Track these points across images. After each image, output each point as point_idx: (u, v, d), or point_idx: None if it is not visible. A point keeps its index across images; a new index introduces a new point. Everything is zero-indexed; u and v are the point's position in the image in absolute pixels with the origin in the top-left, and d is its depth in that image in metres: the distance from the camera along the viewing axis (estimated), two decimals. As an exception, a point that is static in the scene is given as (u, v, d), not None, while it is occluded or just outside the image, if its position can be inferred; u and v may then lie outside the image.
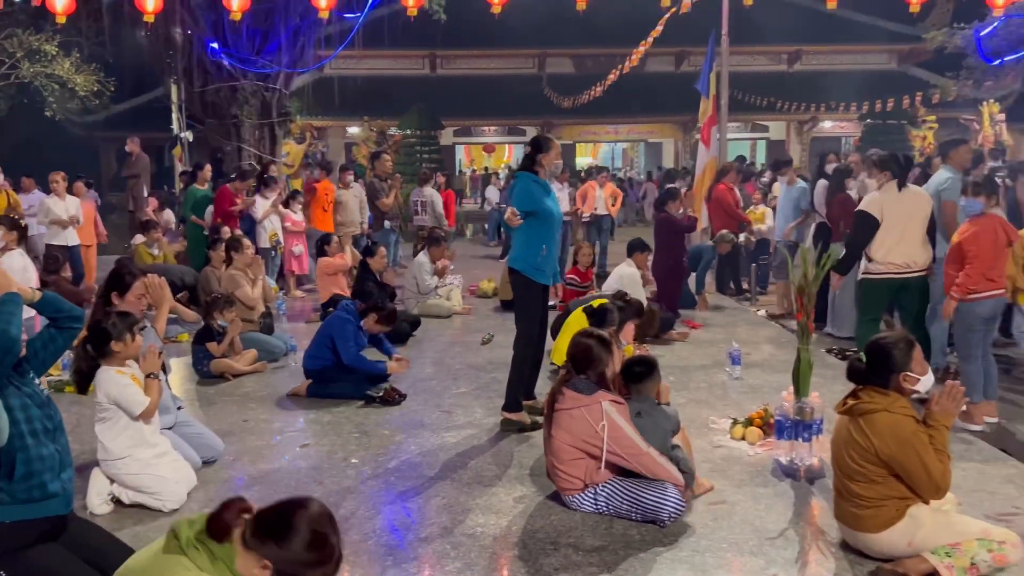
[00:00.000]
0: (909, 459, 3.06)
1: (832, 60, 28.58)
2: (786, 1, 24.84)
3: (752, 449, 4.61)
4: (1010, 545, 3.05)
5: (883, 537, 3.16)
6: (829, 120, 27.11)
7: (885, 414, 3.12)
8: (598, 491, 3.67)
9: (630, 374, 3.86)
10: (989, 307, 5.22)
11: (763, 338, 7.66)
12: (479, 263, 13.02)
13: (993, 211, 5.24)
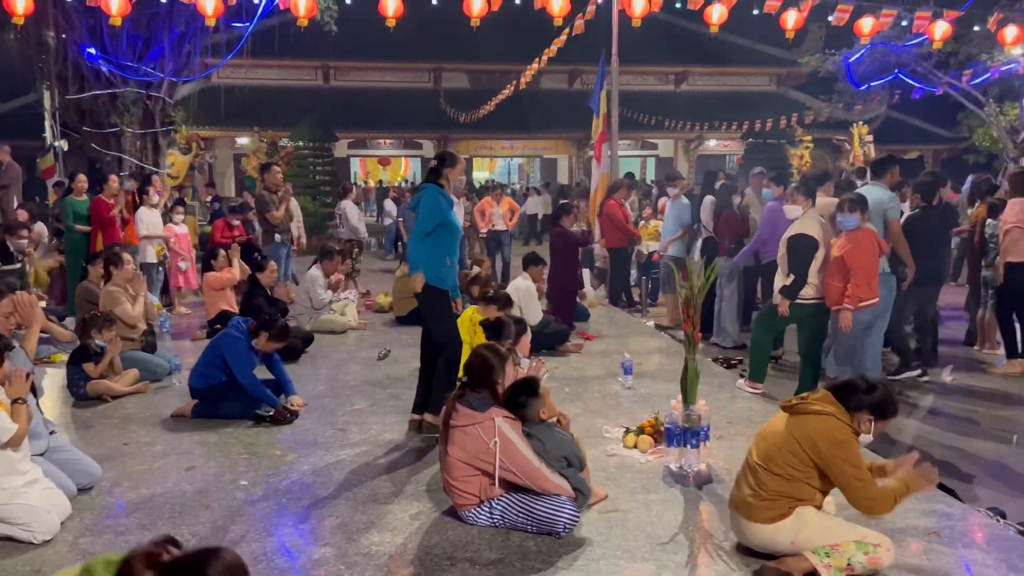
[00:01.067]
0: (839, 463, 3.18)
1: (716, 81, 29.88)
2: (673, 24, 25.82)
3: (644, 457, 4.73)
4: (884, 549, 3.23)
5: (769, 530, 3.29)
6: (714, 139, 28.26)
7: (831, 417, 3.24)
8: (493, 505, 3.68)
9: (514, 403, 3.76)
10: (869, 315, 5.58)
11: (654, 348, 7.89)
12: (376, 277, 12.86)
13: (866, 226, 5.60)
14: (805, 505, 3.28)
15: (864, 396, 3.27)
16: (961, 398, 6.48)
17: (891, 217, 6.42)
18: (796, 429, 3.28)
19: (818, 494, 3.31)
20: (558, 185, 24.93)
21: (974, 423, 5.86)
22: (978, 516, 3.92)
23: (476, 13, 9.16)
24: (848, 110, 20.24)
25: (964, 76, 17.35)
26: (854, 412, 3.26)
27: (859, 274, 5.44)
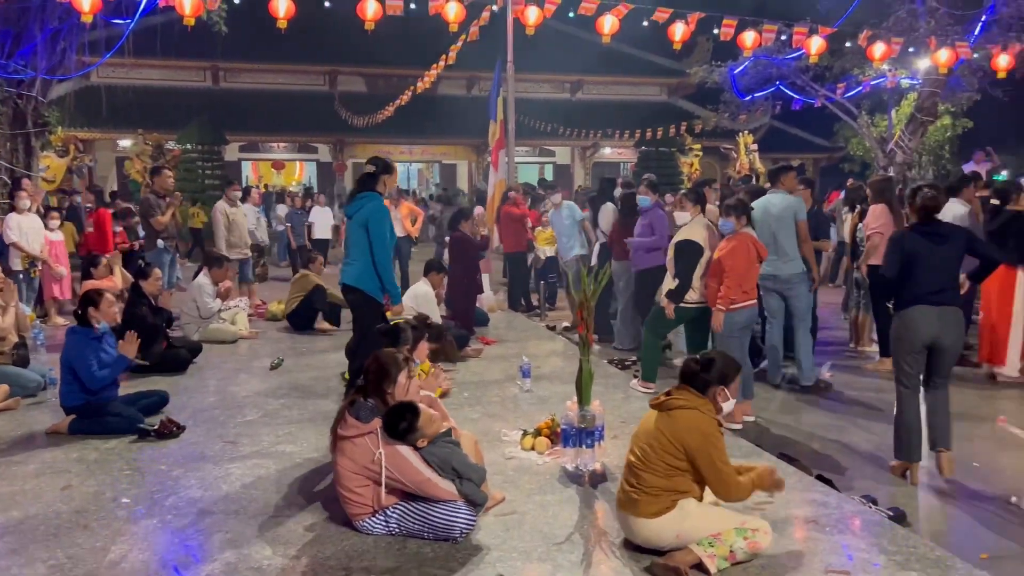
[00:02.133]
0: (706, 453, 3.33)
1: (610, 90, 30.61)
2: (568, 33, 26.30)
3: (541, 458, 4.78)
4: (762, 532, 3.38)
5: (654, 525, 3.39)
6: (609, 146, 28.93)
7: (696, 412, 3.39)
8: (389, 513, 3.63)
9: (395, 432, 3.63)
10: (745, 316, 5.82)
11: (552, 351, 7.99)
12: (268, 284, 12.51)
13: (745, 230, 5.84)
14: (686, 497, 3.41)
15: (706, 374, 3.47)
16: (838, 393, 6.84)
17: (800, 219, 6.76)
18: (666, 425, 3.41)
19: (696, 486, 3.44)
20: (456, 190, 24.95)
21: (850, 417, 6.20)
22: (853, 504, 4.15)
23: (370, 16, 9.08)
24: (734, 120, 21.11)
25: (839, 89, 18.39)
26: (707, 392, 3.46)
27: (731, 276, 5.69)
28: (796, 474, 4.55)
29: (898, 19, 15.46)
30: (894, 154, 17.28)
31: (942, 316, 4.74)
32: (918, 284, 4.76)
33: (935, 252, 4.77)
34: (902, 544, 3.62)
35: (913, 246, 4.80)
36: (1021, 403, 6.52)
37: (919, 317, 4.76)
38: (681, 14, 10.89)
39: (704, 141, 24.44)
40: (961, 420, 6.05)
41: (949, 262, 4.81)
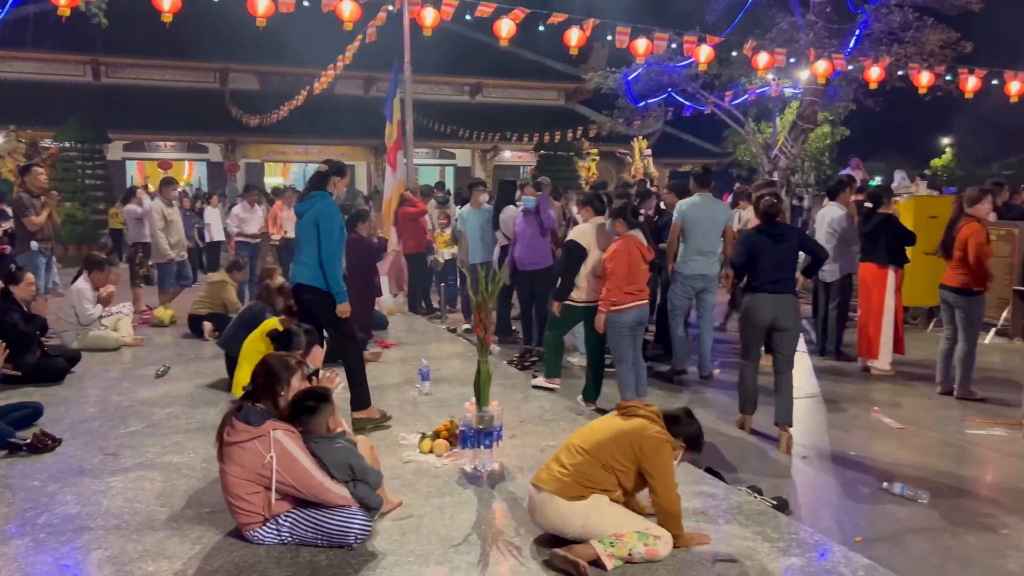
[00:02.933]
0: (656, 466, 3.48)
1: (510, 94, 30.86)
2: (467, 36, 26.34)
3: (440, 461, 4.76)
4: (663, 541, 3.46)
5: (565, 506, 3.45)
6: (509, 149, 29.14)
7: (654, 425, 3.55)
8: (280, 522, 3.53)
9: (301, 408, 3.62)
10: (632, 317, 5.97)
11: (451, 353, 7.97)
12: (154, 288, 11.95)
13: (630, 233, 5.99)
14: (603, 494, 3.49)
15: (686, 427, 3.64)
16: (728, 388, 7.11)
17: (729, 224, 7.38)
18: (629, 428, 3.55)
19: (620, 491, 3.54)
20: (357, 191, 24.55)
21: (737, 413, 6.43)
22: (739, 494, 4.32)
23: (261, 13, 8.83)
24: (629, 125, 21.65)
25: (727, 97, 19.16)
26: (674, 439, 3.59)
27: (612, 278, 5.85)
28: (687, 468, 4.67)
29: (780, 31, 16.23)
30: (778, 159, 18.12)
31: (778, 302, 5.58)
32: (760, 275, 5.63)
33: (774, 249, 5.61)
34: (784, 531, 3.79)
35: (757, 243, 5.67)
36: (893, 395, 6.94)
37: (760, 302, 5.61)
38: (577, 20, 11.09)
39: (601, 145, 24.95)
40: (839, 411, 6.42)
41: (785, 257, 5.66)
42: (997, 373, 7.59)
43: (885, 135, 38.22)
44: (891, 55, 15.08)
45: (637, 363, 6.12)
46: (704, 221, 7.22)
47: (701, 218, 7.23)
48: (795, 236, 5.83)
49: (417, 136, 12.14)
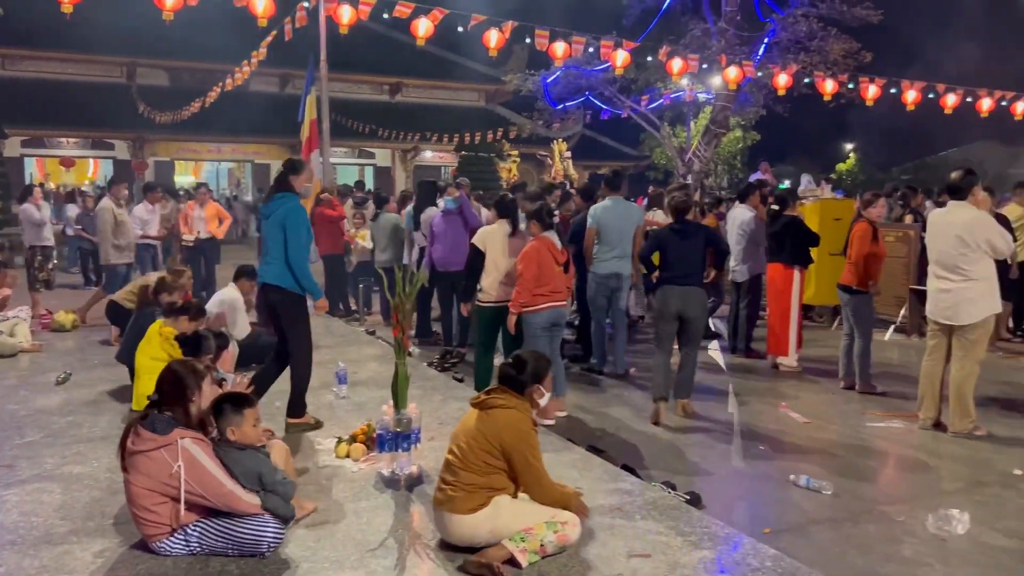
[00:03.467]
0: (521, 451, 3.46)
1: (430, 94, 30.72)
2: (387, 36, 26.10)
3: (356, 465, 4.70)
4: (571, 525, 3.50)
5: (469, 521, 3.44)
6: (430, 150, 29.00)
7: (514, 411, 3.53)
8: (189, 532, 3.42)
9: (218, 410, 3.56)
10: (545, 318, 6.02)
11: (370, 356, 7.88)
12: (56, 292, 11.41)
13: (544, 235, 6.03)
14: (501, 494, 3.48)
15: (520, 375, 3.63)
16: (643, 387, 7.25)
17: (639, 226, 7.48)
18: (484, 424, 3.51)
19: (512, 484, 3.53)
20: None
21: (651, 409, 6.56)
22: (654, 490, 4.41)
23: (169, 6, 8.54)
24: (548, 127, 21.85)
25: (643, 101, 19.55)
26: (524, 392, 3.61)
27: (521, 280, 5.90)
28: (603, 465, 4.77)
29: (694, 37, 16.68)
30: (692, 163, 18.60)
31: (685, 294, 6.11)
32: (669, 269, 6.17)
33: (682, 245, 6.14)
34: (696, 525, 3.89)
35: (666, 239, 6.23)
36: (799, 390, 7.21)
37: (669, 294, 6.14)
38: (496, 22, 11.13)
39: (521, 147, 25.09)
40: (749, 407, 6.62)
41: (693, 253, 6.16)
42: (895, 368, 7.97)
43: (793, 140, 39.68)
44: (798, 63, 15.68)
45: (555, 363, 6.17)
46: (616, 223, 7.39)
47: (613, 220, 7.39)
48: (702, 233, 6.31)
49: (335, 135, 11.96)
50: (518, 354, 3.77)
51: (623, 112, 19.87)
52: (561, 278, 6.05)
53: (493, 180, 23.42)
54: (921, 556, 3.88)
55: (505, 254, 6.20)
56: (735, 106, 18.55)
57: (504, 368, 3.69)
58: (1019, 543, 4.03)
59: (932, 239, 5.92)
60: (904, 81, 15.06)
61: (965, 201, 5.78)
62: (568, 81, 18.53)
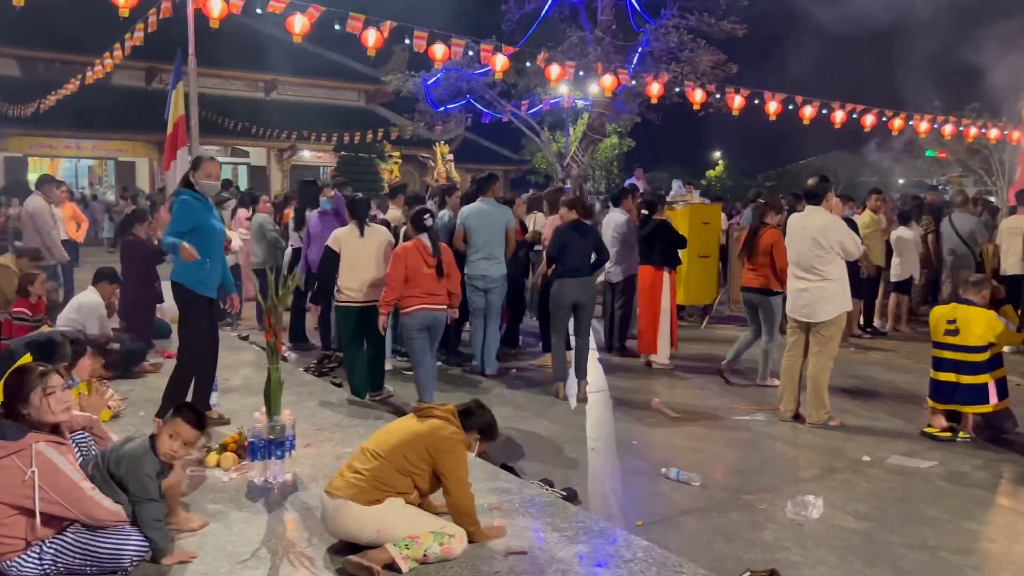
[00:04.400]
0: (450, 462, 3.55)
1: (308, 92, 30.03)
2: (261, 31, 25.32)
3: (227, 475, 4.53)
4: (457, 539, 3.50)
5: (359, 512, 3.41)
6: (308, 149, 28.32)
7: (449, 424, 3.63)
8: (44, 548, 3.19)
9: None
10: (417, 320, 6.05)
11: (243, 361, 7.61)
12: None
13: (418, 237, 6.08)
14: (399, 497, 3.49)
15: (479, 419, 3.77)
16: (521, 387, 7.34)
17: (509, 227, 7.61)
18: (424, 430, 3.59)
19: (415, 492, 3.57)
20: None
21: (533, 407, 6.67)
22: (532, 488, 4.47)
23: (20, -10, 7.95)
24: (430, 130, 21.75)
25: (523, 106, 19.78)
26: (468, 431, 3.71)
27: (388, 282, 6.00)
28: (482, 465, 4.79)
29: (571, 44, 17.03)
30: (571, 168, 18.98)
31: (580, 284, 6.85)
32: (566, 263, 6.87)
33: (578, 242, 6.89)
34: (572, 520, 3.98)
35: (566, 237, 6.92)
36: (671, 386, 7.50)
37: (566, 286, 6.86)
38: (374, 21, 10.98)
39: (403, 149, 24.90)
40: (624, 404, 6.83)
41: (586, 249, 6.93)
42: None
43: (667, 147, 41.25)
44: (669, 73, 16.28)
45: (423, 366, 6.19)
46: (485, 226, 7.53)
47: (482, 223, 7.53)
48: (594, 233, 7.23)
49: (206, 132, 11.49)
50: (479, 403, 3.89)
51: (504, 116, 20.03)
52: (434, 281, 6.05)
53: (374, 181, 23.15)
54: (781, 541, 4.11)
55: (359, 255, 6.27)
56: (611, 113, 19.06)
57: (469, 407, 3.81)
58: (867, 524, 4.34)
59: (791, 242, 6.30)
60: (766, 92, 15.92)
61: (820, 206, 6.18)
62: (449, 83, 18.49)
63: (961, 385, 5.76)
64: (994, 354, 5.79)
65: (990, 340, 5.73)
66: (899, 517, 4.44)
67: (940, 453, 5.54)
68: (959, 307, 5.92)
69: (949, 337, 5.85)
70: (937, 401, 5.93)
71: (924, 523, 4.36)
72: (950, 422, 5.91)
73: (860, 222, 9.32)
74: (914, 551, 4.01)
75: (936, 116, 20.25)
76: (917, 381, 7.05)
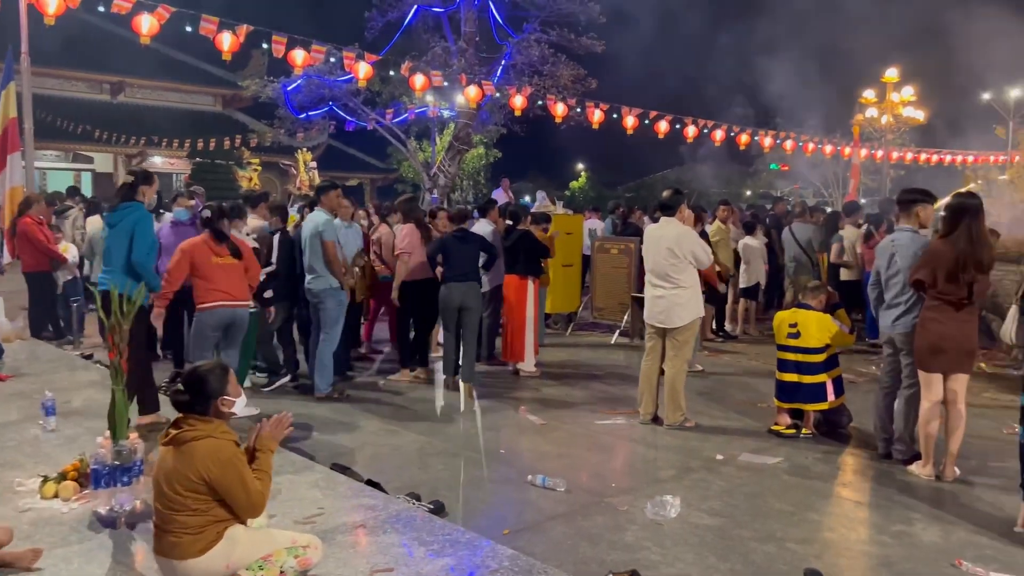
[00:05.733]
0: (231, 481, 3.14)
1: (159, 96, 28.55)
2: (107, 30, 23.85)
3: (67, 505, 4.20)
4: (312, 548, 3.37)
5: (202, 561, 3.18)
6: (159, 155, 26.89)
7: (209, 440, 3.17)
8: None
9: None
10: (215, 317, 6.05)
11: (85, 382, 7.10)
12: None
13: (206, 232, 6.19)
14: (231, 525, 3.25)
15: (199, 395, 3.24)
16: (373, 403, 7.25)
17: (327, 239, 7.00)
18: (183, 462, 3.15)
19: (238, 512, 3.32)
20: None
21: (399, 421, 6.58)
22: (398, 503, 4.41)
23: None
24: (291, 136, 21.20)
25: (388, 114, 19.63)
26: (209, 412, 3.25)
27: (195, 279, 6.04)
28: (347, 482, 4.70)
29: (435, 55, 17.08)
30: (437, 177, 19.01)
31: (465, 289, 7.42)
32: (451, 268, 7.45)
33: (461, 249, 7.48)
34: (438, 533, 3.95)
35: (449, 244, 7.49)
36: (537, 393, 7.61)
37: (452, 290, 7.42)
38: (229, 25, 10.59)
39: (263, 156, 24.12)
40: (492, 412, 6.87)
41: (470, 255, 7.53)
42: (620, 368, 8.68)
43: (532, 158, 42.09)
44: (532, 86, 16.64)
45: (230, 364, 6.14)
46: (307, 238, 7.05)
47: (304, 236, 7.10)
48: (477, 240, 7.72)
49: (43, 136, 10.71)
50: (187, 373, 3.36)
51: (368, 124, 19.79)
52: (232, 276, 6.07)
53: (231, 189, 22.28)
54: (641, 541, 4.25)
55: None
56: (476, 124, 19.26)
57: (175, 395, 3.29)
58: (720, 520, 4.56)
59: (647, 251, 6.55)
60: (624, 107, 16.55)
61: (674, 217, 6.47)
62: (311, 90, 18.09)
63: (803, 385, 6.17)
64: (830, 355, 6.24)
65: (826, 342, 6.18)
66: (749, 512, 4.69)
67: (786, 449, 5.90)
68: (799, 311, 6.35)
69: (791, 340, 6.25)
70: (782, 400, 6.32)
71: (772, 516, 4.63)
72: (794, 419, 6.32)
73: (709, 231, 9.82)
74: (763, 543, 4.25)
75: (779, 132, 21.74)
76: (765, 382, 7.48)
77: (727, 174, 40.17)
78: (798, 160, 30.37)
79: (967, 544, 4.26)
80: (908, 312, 5.37)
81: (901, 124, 23.50)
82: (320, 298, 7.08)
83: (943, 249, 5.06)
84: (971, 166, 25.46)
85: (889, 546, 4.26)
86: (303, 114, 19.28)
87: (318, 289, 7.07)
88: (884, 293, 5.58)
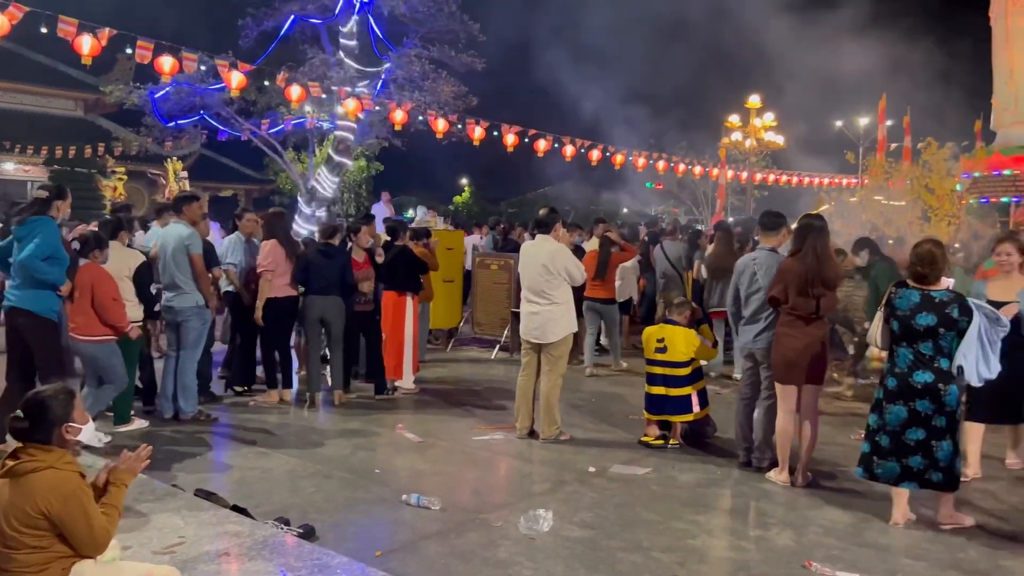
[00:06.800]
0: (73, 515, 2.92)
1: (11, 98, 26.61)
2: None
3: None
4: None
5: None
6: (12, 162, 25.08)
7: (51, 471, 2.94)
8: None
9: None
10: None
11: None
12: None
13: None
14: (77, 560, 3.04)
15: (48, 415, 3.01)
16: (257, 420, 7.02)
17: (193, 252, 6.76)
18: (20, 496, 2.92)
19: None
20: None
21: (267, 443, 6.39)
22: (265, 529, 4.27)
23: None
24: (160, 145, 20.26)
25: (263, 125, 19.07)
26: (52, 441, 3.02)
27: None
28: (212, 508, 4.51)
29: (313, 65, 16.75)
30: (315, 190, 18.62)
31: (326, 302, 7.52)
32: (314, 283, 7.53)
33: (326, 264, 7.55)
34: (307, 559, 3.85)
35: (313, 258, 7.59)
36: (415, 411, 7.56)
37: (313, 302, 7.53)
38: (90, 27, 10.03)
39: (129, 164, 22.94)
40: (368, 431, 6.78)
41: (333, 270, 7.56)
42: (499, 383, 8.75)
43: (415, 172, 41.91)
44: (412, 101, 16.60)
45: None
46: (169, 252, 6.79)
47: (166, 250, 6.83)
48: (343, 255, 7.78)
49: None
50: (28, 398, 3.10)
51: (242, 134, 19.16)
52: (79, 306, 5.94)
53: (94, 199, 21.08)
54: (514, 556, 4.29)
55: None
56: (357, 137, 19.00)
57: (14, 423, 3.02)
58: (591, 532, 4.66)
59: (523, 267, 6.65)
60: (504, 125, 16.78)
61: (549, 235, 6.60)
62: (180, 98, 17.28)
63: (670, 397, 6.42)
64: (695, 368, 6.52)
65: (691, 356, 6.45)
66: (619, 522, 4.82)
67: (654, 459, 6.11)
68: (666, 327, 6.61)
69: (659, 354, 6.50)
70: (651, 412, 6.55)
71: (639, 526, 4.78)
72: (662, 431, 6.55)
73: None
74: (630, 553, 4.37)
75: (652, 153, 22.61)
76: (637, 394, 7.72)
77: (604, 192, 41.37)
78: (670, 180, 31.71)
79: (817, 545, 4.53)
80: (768, 328, 5.68)
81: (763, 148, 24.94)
82: (184, 316, 6.79)
83: (793, 266, 5.41)
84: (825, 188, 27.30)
85: (747, 551, 4.48)
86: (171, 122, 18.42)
87: (180, 307, 6.78)
88: (743, 309, 5.88)
